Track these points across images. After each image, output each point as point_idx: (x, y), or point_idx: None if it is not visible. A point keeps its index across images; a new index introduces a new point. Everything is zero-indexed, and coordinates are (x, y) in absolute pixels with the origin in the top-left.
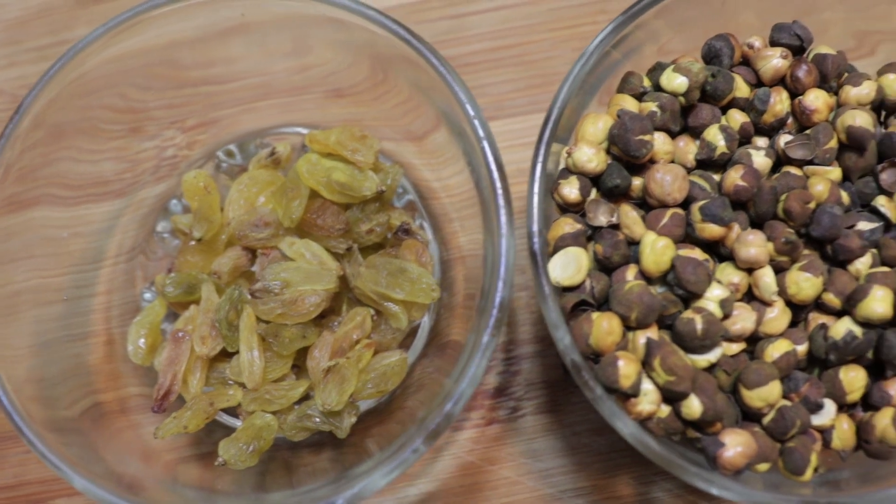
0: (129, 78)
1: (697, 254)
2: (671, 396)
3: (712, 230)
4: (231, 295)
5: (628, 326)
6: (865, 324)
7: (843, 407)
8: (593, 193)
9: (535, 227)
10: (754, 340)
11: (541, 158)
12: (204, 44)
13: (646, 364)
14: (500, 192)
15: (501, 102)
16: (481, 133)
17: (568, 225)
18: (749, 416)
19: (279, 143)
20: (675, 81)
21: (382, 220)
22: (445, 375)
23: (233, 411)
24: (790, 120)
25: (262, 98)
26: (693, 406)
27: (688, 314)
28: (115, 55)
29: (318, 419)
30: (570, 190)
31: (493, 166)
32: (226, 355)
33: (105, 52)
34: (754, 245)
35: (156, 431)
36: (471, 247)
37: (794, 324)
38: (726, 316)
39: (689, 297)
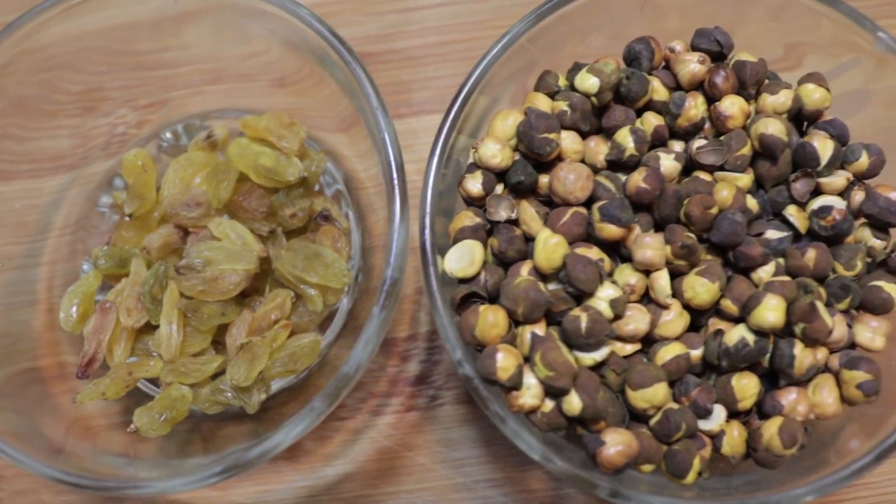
0: (87, 57)
1: (594, 253)
2: (552, 392)
3: (610, 230)
4: (157, 270)
5: (516, 321)
6: (759, 332)
7: (739, 414)
8: (500, 189)
9: (427, 220)
10: (651, 342)
11: (438, 150)
12: (160, 27)
13: (528, 358)
14: (395, 182)
15: (445, 96)
16: (382, 125)
17: (468, 218)
18: (637, 417)
19: (217, 127)
20: (587, 82)
21: (305, 206)
22: None
23: (159, 382)
24: (707, 125)
25: (211, 83)
26: (573, 403)
27: (575, 312)
28: (75, 33)
29: (229, 394)
30: (474, 184)
31: (392, 158)
32: (152, 328)
33: (64, 27)
34: (650, 247)
35: (75, 396)
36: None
37: (696, 328)
38: (618, 316)
39: (581, 296)
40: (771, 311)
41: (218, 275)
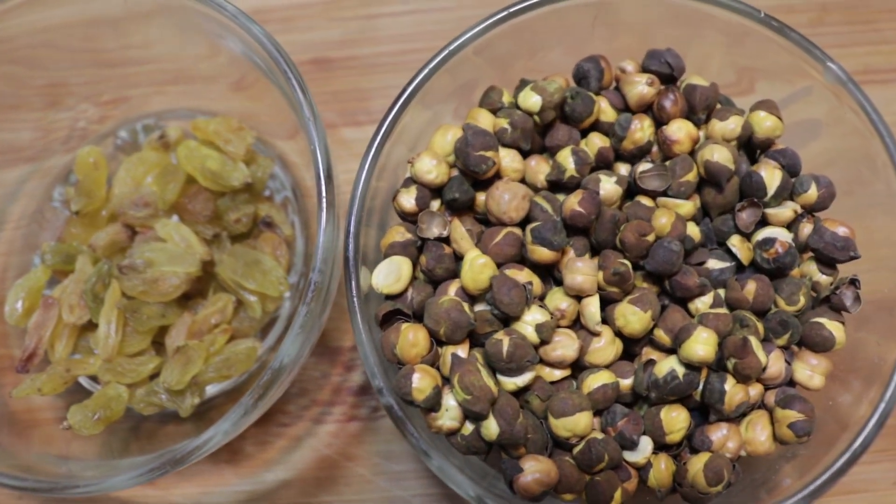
0: (52, 51)
1: (524, 275)
2: (470, 415)
3: (542, 253)
4: (100, 269)
5: (439, 341)
6: (689, 365)
7: (669, 447)
8: (436, 205)
9: (351, 233)
10: (583, 368)
11: (368, 162)
12: (123, 25)
13: (448, 380)
14: (322, 190)
15: None
16: (314, 135)
17: (399, 234)
18: (561, 445)
19: (171, 128)
20: (529, 100)
21: (249, 212)
22: None
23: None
24: (654, 149)
25: (172, 82)
26: (491, 428)
27: (499, 335)
28: (41, 27)
29: (163, 395)
30: (408, 199)
31: (321, 167)
32: (96, 326)
33: (29, 20)
34: (581, 272)
35: (11, 391)
36: None
37: (630, 356)
38: (544, 342)
39: (508, 319)
40: (701, 345)
41: (159, 276)
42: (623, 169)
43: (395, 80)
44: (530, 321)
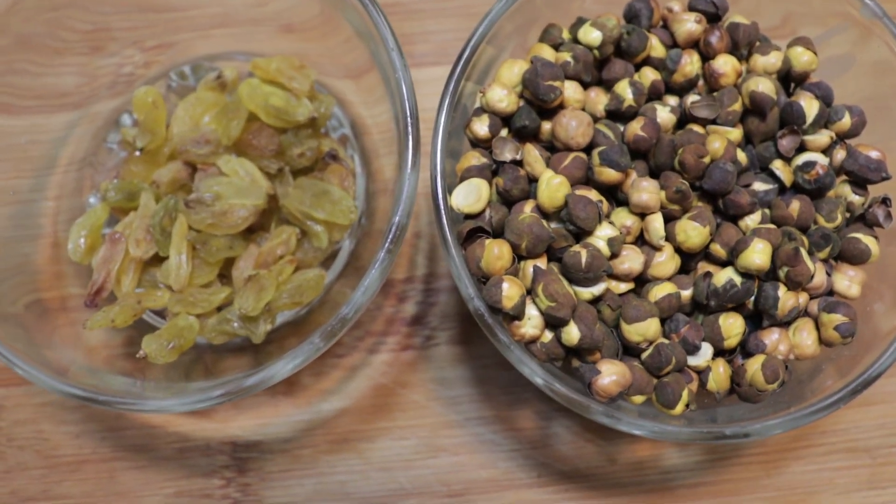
0: None
1: (593, 195)
2: (552, 322)
3: (609, 174)
4: (167, 203)
5: (519, 255)
6: (745, 274)
7: (724, 353)
8: (504, 132)
9: (439, 160)
10: (644, 282)
11: (449, 94)
12: None
13: (531, 290)
14: (409, 126)
15: (445, 49)
16: (398, 68)
17: (475, 158)
18: (629, 351)
19: (227, 68)
20: (590, 35)
21: (313, 146)
22: None
23: (164, 315)
24: (701, 82)
25: (218, 26)
26: (572, 333)
27: (576, 248)
28: None
29: (235, 324)
30: (481, 126)
31: (406, 101)
32: (160, 260)
33: None
34: (646, 191)
35: (85, 323)
36: (394, 181)
37: (685, 271)
38: (615, 255)
39: (581, 234)
40: (758, 255)
41: (227, 209)
42: (671, 100)
43: (435, 25)
44: (602, 236)
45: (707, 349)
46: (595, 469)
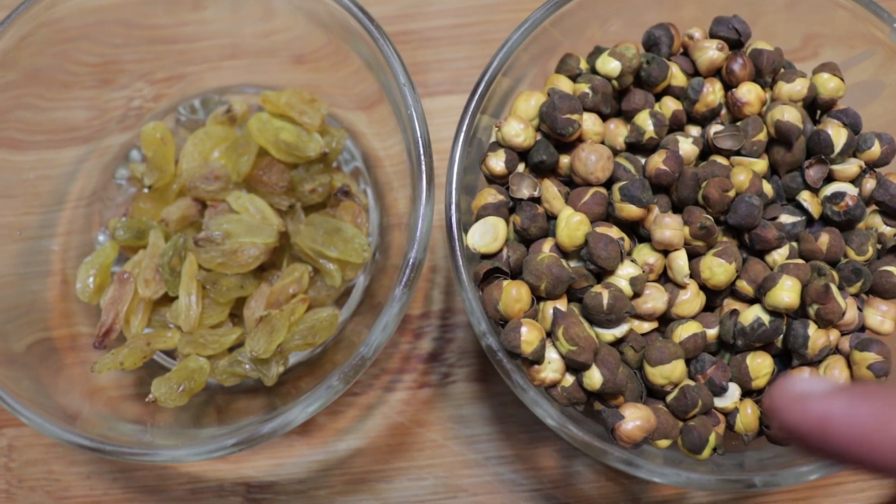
0: (104, 30)
1: (614, 232)
2: (573, 366)
3: (630, 210)
4: (176, 242)
5: (538, 296)
6: (774, 312)
7: (751, 393)
8: (521, 168)
9: (454, 196)
10: (668, 321)
11: (464, 129)
12: (178, 3)
13: (551, 333)
14: (422, 160)
15: (460, 78)
16: (410, 102)
17: (491, 195)
18: (654, 394)
19: (236, 102)
20: (608, 65)
21: (325, 181)
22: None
23: (174, 354)
24: (723, 111)
25: (228, 58)
26: (594, 377)
27: (597, 289)
28: (92, 6)
29: (247, 365)
30: (497, 162)
31: (419, 135)
32: (169, 300)
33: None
34: (670, 227)
35: (93, 366)
36: (408, 214)
37: (710, 308)
38: (637, 294)
39: (602, 273)
40: (787, 292)
41: (237, 248)
42: (693, 131)
43: (451, 53)
44: (624, 275)
45: (734, 390)
46: None
